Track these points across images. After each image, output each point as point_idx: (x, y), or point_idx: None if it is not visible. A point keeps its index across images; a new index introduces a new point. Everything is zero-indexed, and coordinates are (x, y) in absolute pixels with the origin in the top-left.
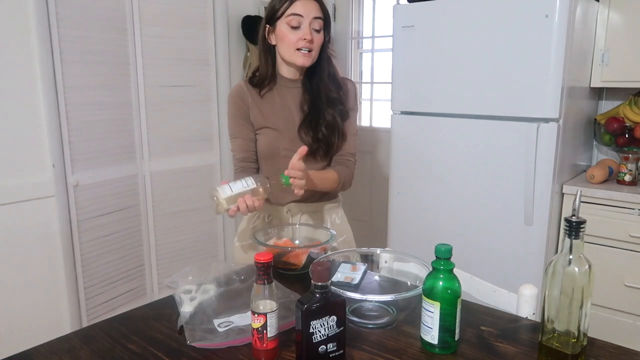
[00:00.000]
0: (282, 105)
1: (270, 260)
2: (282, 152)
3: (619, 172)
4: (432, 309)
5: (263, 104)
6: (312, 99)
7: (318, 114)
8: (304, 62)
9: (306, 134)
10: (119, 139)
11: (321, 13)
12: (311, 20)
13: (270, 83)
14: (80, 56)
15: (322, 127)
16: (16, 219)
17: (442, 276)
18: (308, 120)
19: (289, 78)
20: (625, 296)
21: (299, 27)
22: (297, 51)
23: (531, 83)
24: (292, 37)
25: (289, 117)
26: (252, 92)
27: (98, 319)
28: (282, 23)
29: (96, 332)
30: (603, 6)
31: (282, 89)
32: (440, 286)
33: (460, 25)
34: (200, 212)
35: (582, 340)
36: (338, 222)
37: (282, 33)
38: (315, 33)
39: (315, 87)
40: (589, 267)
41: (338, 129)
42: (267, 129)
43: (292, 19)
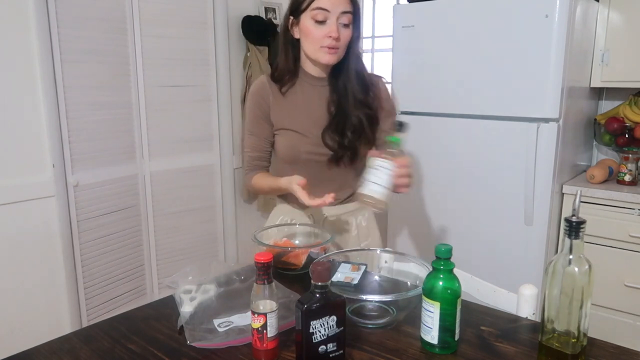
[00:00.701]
0: (305, 104)
1: (270, 260)
2: (304, 156)
3: (619, 172)
4: (432, 309)
5: (285, 103)
6: (339, 99)
7: (345, 116)
8: (328, 61)
9: (331, 139)
10: (119, 139)
11: (350, 6)
12: (339, 15)
13: (291, 79)
14: (80, 56)
15: (348, 131)
16: (16, 219)
17: (442, 276)
18: (334, 124)
19: (314, 75)
20: (625, 296)
21: (324, 22)
22: (321, 48)
23: (531, 83)
24: (317, 33)
25: (313, 118)
26: (275, 89)
27: (98, 319)
28: (307, 17)
29: (96, 332)
30: (603, 6)
31: (306, 87)
32: (440, 286)
33: (460, 25)
34: (200, 212)
35: (582, 340)
36: (364, 225)
37: (306, 28)
38: (342, 28)
39: (342, 86)
40: (589, 267)
41: (365, 133)
42: (288, 130)
43: (317, 13)
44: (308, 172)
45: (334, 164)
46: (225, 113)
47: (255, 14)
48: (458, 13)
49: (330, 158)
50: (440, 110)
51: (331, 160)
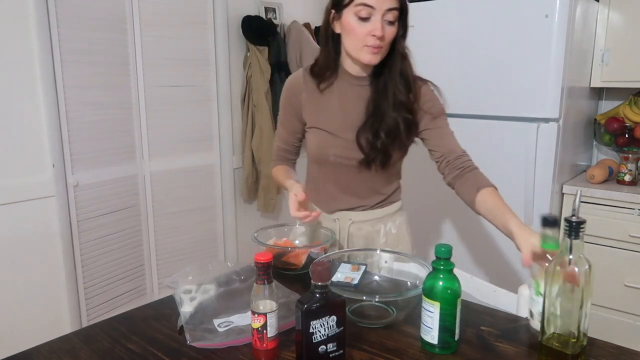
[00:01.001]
0: (340, 105)
1: (270, 260)
2: (332, 158)
3: (619, 172)
4: (432, 309)
5: (320, 101)
6: (378, 99)
7: (381, 116)
8: (370, 61)
9: (365, 140)
10: (119, 139)
11: (397, 2)
12: (384, 12)
13: (331, 76)
14: (80, 56)
15: (382, 132)
16: (16, 219)
17: (442, 276)
18: (370, 123)
19: (353, 74)
20: (625, 296)
21: (368, 19)
22: (364, 47)
23: (531, 83)
24: (360, 31)
25: (347, 120)
26: (310, 86)
27: (98, 319)
28: (350, 12)
29: (96, 332)
30: (603, 6)
31: (343, 86)
32: (440, 286)
33: (460, 25)
34: (200, 212)
35: (582, 340)
36: (394, 232)
37: (348, 24)
38: (387, 26)
39: (383, 86)
40: (589, 267)
41: (400, 138)
42: (319, 129)
43: (361, 9)
44: (335, 175)
45: (365, 168)
46: (225, 113)
47: (255, 14)
48: (458, 13)
49: (361, 161)
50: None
51: (362, 164)
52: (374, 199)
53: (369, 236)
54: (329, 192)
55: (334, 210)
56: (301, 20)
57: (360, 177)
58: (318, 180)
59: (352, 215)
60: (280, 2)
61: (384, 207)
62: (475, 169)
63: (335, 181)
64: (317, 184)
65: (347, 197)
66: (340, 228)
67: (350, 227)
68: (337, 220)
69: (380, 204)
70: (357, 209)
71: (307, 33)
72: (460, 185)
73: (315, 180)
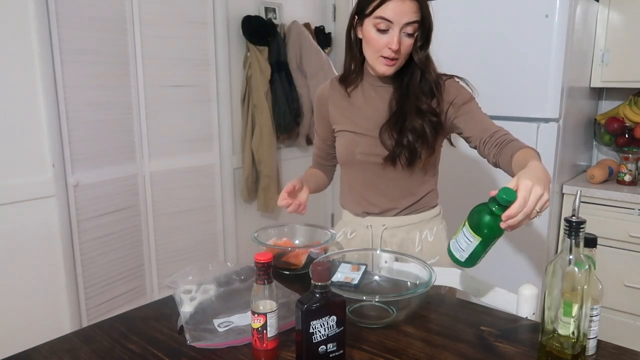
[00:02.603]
0: (366, 104)
1: (270, 260)
2: (358, 157)
3: (619, 172)
4: (472, 240)
5: (345, 106)
6: (401, 99)
7: (405, 116)
8: (384, 72)
9: (390, 137)
10: (119, 139)
11: (417, 16)
12: (402, 26)
13: (356, 79)
14: (80, 56)
15: (407, 132)
16: (16, 219)
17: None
18: (393, 121)
19: (375, 76)
20: (625, 296)
21: (386, 32)
22: (379, 58)
23: (531, 83)
24: (378, 42)
25: (372, 118)
26: (336, 93)
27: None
28: (370, 23)
29: (96, 332)
30: (603, 6)
31: (367, 88)
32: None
33: (460, 25)
34: (200, 212)
35: (582, 341)
36: (430, 240)
37: (368, 33)
38: (405, 37)
39: (405, 88)
40: (589, 267)
41: (428, 140)
42: (345, 132)
43: (380, 22)
44: (363, 174)
45: (390, 164)
46: (225, 113)
47: (255, 14)
48: (458, 13)
49: (386, 157)
50: None
51: (387, 160)
52: (406, 201)
53: (403, 244)
54: (358, 192)
55: (366, 213)
56: (301, 20)
57: (388, 175)
58: (348, 183)
59: (385, 221)
60: (280, 2)
61: (420, 213)
62: (512, 140)
63: (363, 181)
64: (348, 186)
65: (376, 197)
66: (373, 235)
67: (383, 234)
68: (370, 227)
69: (415, 208)
70: (389, 212)
71: (307, 33)
72: (501, 161)
73: (346, 184)
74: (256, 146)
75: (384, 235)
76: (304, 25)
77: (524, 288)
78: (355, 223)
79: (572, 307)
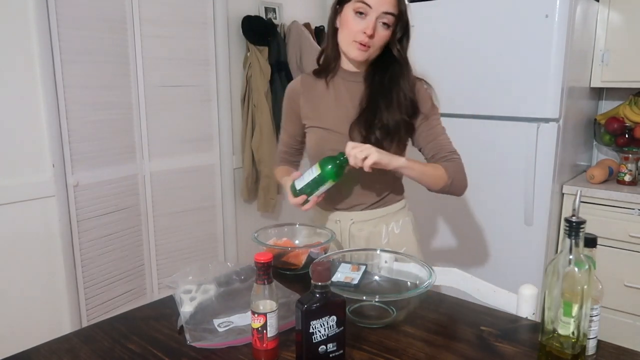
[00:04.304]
0: (336, 100)
1: (270, 260)
2: (328, 153)
3: (619, 172)
4: (314, 172)
5: (316, 101)
6: (372, 96)
7: (375, 113)
8: (356, 57)
9: (358, 133)
10: (119, 139)
11: (395, 9)
12: (380, 14)
13: (333, 70)
14: (80, 56)
15: (376, 128)
16: (16, 219)
17: (339, 162)
18: (363, 119)
19: (348, 70)
20: (625, 296)
21: (364, 17)
22: (353, 42)
23: (531, 83)
24: (354, 26)
25: (342, 114)
26: (307, 88)
27: (98, 319)
28: (349, 7)
29: (96, 332)
30: (603, 6)
31: (339, 82)
32: (329, 169)
33: (460, 25)
34: (200, 212)
35: (582, 341)
36: (397, 232)
37: (346, 17)
38: (381, 27)
39: (379, 85)
40: (589, 267)
41: (398, 137)
42: (316, 128)
43: (360, 6)
44: None
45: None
46: (225, 113)
47: (255, 14)
48: (458, 13)
49: None
50: (441, 110)
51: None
52: (373, 196)
53: (371, 237)
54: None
55: (334, 208)
56: (301, 20)
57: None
58: None
59: (352, 216)
60: (280, 2)
61: (386, 206)
62: (450, 161)
63: None
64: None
65: (344, 193)
66: (342, 229)
67: (351, 228)
68: (339, 221)
69: (382, 202)
70: (357, 207)
71: (307, 33)
72: None
73: None
74: (256, 146)
75: (352, 229)
76: (304, 25)
77: (524, 288)
78: (323, 218)
79: (572, 307)
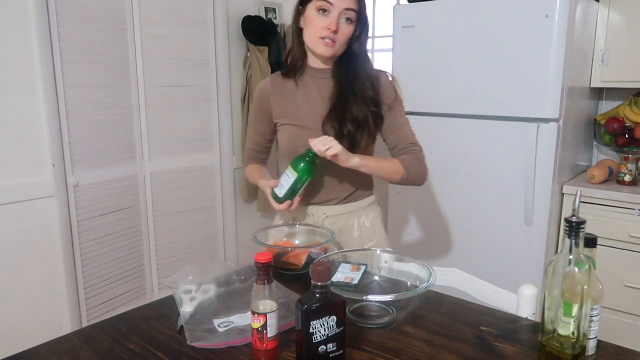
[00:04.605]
0: (306, 97)
1: (270, 260)
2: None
3: (619, 172)
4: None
5: (287, 99)
6: (341, 90)
7: (345, 107)
8: (323, 53)
9: (331, 127)
10: (119, 139)
11: (355, 5)
12: (342, 11)
13: (300, 69)
14: (80, 56)
15: (347, 122)
16: (16, 219)
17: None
18: (334, 113)
19: (315, 68)
20: (625, 296)
21: (327, 14)
22: (319, 39)
23: (531, 83)
24: (318, 24)
25: (314, 110)
26: (277, 88)
27: (98, 319)
28: (312, 6)
29: (96, 332)
30: (603, 6)
31: (308, 80)
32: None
33: (460, 25)
34: (200, 212)
35: (582, 341)
36: (367, 225)
37: (309, 16)
38: (344, 24)
39: (345, 80)
40: (589, 267)
41: (369, 128)
42: (288, 125)
43: (322, 4)
44: None
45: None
46: (225, 113)
47: (255, 14)
48: (458, 13)
49: None
50: (441, 111)
51: None
52: (345, 190)
53: (343, 230)
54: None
55: (308, 203)
56: None
57: (330, 165)
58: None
59: (325, 210)
60: (280, 2)
61: (358, 201)
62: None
63: None
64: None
65: (318, 187)
66: (315, 223)
67: (324, 222)
68: (312, 215)
69: (353, 197)
70: (330, 201)
71: None
72: None
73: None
74: None
75: (325, 223)
76: None
77: (524, 288)
78: (296, 212)
79: (572, 307)
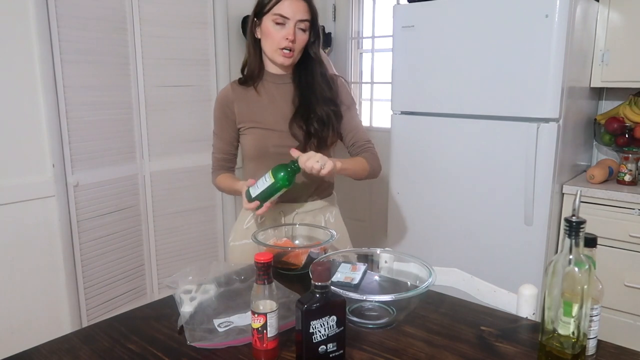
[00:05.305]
0: (270, 101)
1: (270, 260)
2: (272, 149)
3: (619, 172)
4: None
5: (250, 104)
6: (303, 93)
7: (309, 108)
8: (283, 62)
9: (298, 128)
10: (119, 139)
11: (308, 15)
12: (296, 22)
13: (259, 75)
14: (80, 56)
15: (313, 121)
16: (16, 219)
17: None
18: (300, 114)
19: (276, 74)
20: (625, 296)
21: (283, 26)
22: (278, 50)
23: (531, 83)
24: (276, 36)
25: (279, 112)
26: (239, 95)
27: (98, 319)
28: (268, 19)
29: (96, 332)
30: (603, 6)
31: (269, 86)
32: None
33: (460, 25)
34: (200, 212)
35: (582, 341)
36: (332, 221)
37: (267, 29)
38: (300, 33)
39: (305, 83)
40: (589, 267)
41: (332, 126)
42: (255, 128)
43: (277, 17)
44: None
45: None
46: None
47: None
48: (458, 13)
49: (298, 147)
50: (440, 110)
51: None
52: (312, 188)
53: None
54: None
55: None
56: None
57: None
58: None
59: (295, 207)
60: None
61: (324, 198)
62: (370, 148)
63: None
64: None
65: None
66: (285, 220)
67: (294, 219)
68: (282, 212)
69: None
70: (299, 199)
71: None
72: None
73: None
74: None
75: (295, 219)
76: None
77: (524, 288)
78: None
79: (572, 307)
